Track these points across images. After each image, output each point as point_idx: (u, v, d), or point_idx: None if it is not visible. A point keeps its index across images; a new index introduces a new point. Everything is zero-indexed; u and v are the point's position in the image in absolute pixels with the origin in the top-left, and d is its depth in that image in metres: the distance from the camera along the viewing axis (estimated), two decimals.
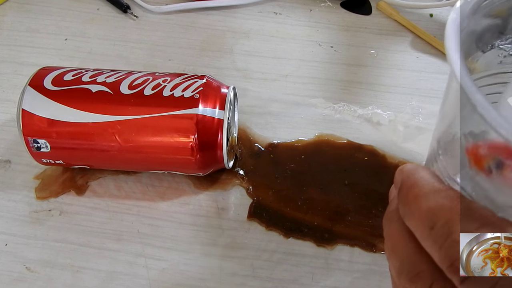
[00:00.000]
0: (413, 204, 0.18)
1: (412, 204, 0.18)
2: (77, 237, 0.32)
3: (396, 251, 0.19)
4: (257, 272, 0.31)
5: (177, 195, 0.34)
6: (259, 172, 0.35)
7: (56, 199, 0.34)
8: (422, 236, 0.17)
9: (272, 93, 0.41)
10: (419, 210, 0.17)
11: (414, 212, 0.17)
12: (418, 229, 0.17)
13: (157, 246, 0.32)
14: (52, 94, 0.30)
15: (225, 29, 0.46)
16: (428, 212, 0.17)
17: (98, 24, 0.47)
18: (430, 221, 0.16)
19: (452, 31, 0.20)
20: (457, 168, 0.22)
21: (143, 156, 0.31)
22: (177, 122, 0.30)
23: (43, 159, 0.32)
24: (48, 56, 0.44)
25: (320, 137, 0.37)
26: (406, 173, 0.19)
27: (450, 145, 0.22)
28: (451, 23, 0.21)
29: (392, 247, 0.19)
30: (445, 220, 0.16)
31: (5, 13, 0.47)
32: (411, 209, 0.18)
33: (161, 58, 0.43)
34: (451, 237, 0.16)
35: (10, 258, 0.31)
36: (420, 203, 0.17)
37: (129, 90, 0.31)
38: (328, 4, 0.48)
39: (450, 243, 0.16)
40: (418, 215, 0.17)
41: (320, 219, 0.33)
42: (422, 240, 0.17)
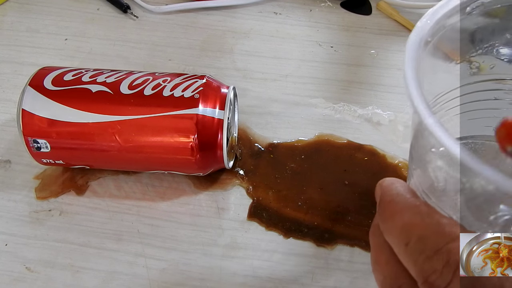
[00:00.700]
0: (390, 221, 0.18)
1: (389, 220, 0.18)
2: (77, 237, 0.32)
3: (379, 265, 0.19)
4: (257, 272, 0.31)
5: (177, 195, 0.34)
6: (259, 172, 0.35)
7: (56, 199, 0.34)
8: (399, 252, 0.18)
9: (272, 93, 0.41)
10: (395, 226, 0.18)
11: (391, 229, 0.18)
12: (395, 245, 0.18)
13: (157, 246, 0.32)
14: (52, 94, 0.30)
15: (225, 29, 0.46)
16: (403, 228, 0.17)
17: (98, 24, 0.47)
18: (405, 238, 0.17)
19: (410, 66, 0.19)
20: (427, 182, 0.22)
21: (143, 156, 0.31)
22: (177, 122, 0.30)
23: (43, 159, 0.32)
24: (48, 56, 0.44)
25: (320, 137, 0.37)
26: (383, 189, 0.20)
27: (421, 159, 0.23)
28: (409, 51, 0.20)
29: (376, 260, 0.20)
30: (418, 237, 0.17)
31: (5, 13, 0.47)
32: (388, 225, 0.18)
33: (161, 58, 0.43)
34: (424, 253, 0.16)
35: (10, 258, 0.31)
36: (395, 220, 0.18)
37: (129, 90, 0.31)
38: (328, 4, 0.48)
39: (423, 259, 0.16)
40: (394, 231, 0.18)
41: (320, 219, 0.33)
42: (400, 255, 0.18)
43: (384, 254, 0.19)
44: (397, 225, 0.18)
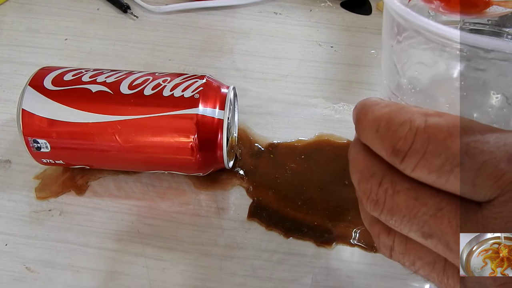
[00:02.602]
0: (364, 120, 0.20)
1: (363, 120, 0.20)
2: (77, 237, 0.32)
3: (356, 166, 0.21)
4: (257, 272, 0.31)
5: (177, 195, 0.34)
6: (259, 172, 0.35)
7: (56, 199, 0.34)
8: (372, 142, 0.20)
9: (272, 93, 0.41)
10: (368, 122, 0.20)
11: (365, 126, 0.20)
12: (368, 138, 0.20)
13: (157, 246, 0.32)
14: (52, 94, 0.30)
15: (225, 29, 0.46)
16: (374, 120, 0.19)
17: (98, 24, 0.47)
18: (375, 126, 0.19)
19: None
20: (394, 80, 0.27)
21: (143, 156, 0.31)
22: (177, 122, 0.30)
23: (43, 159, 0.32)
24: (48, 56, 0.44)
25: (320, 137, 0.37)
26: (358, 105, 0.21)
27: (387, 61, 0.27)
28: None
29: (353, 165, 0.21)
30: (386, 120, 0.19)
31: (5, 13, 0.47)
32: (363, 124, 0.20)
33: (161, 58, 0.43)
34: (391, 129, 0.18)
35: (10, 258, 0.31)
36: (368, 117, 0.20)
37: (129, 90, 0.31)
38: (328, 4, 0.48)
39: (392, 133, 0.18)
40: (367, 126, 0.20)
41: (320, 219, 0.33)
42: (373, 145, 0.20)
43: (360, 156, 0.21)
44: (369, 120, 0.20)
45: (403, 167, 0.18)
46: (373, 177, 0.19)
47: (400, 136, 0.18)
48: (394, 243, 0.20)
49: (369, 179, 0.20)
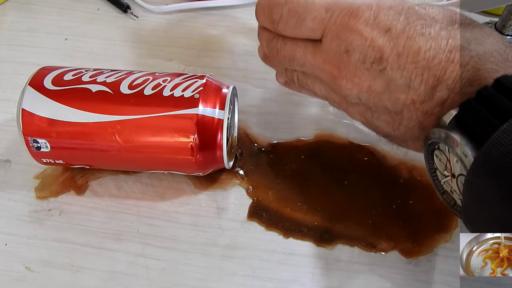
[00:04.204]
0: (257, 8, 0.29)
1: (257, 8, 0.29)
2: (77, 237, 0.32)
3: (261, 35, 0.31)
4: (257, 272, 0.31)
5: (177, 195, 0.34)
6: (259, 172, 0.35)
7: (56, 198, 0.34)
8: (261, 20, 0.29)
9: (272, 93, 0.41)
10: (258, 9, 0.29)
11: (258, 12, 0.29)
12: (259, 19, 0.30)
13: (157, 246, 0.32)
14: (52, 94, 0.30)
15: (225, 29, 0.46)
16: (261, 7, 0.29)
17: (98, 24, 0.47)
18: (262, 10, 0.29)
19: None
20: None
21: (143, 156, 0.31)
22: (177, 122, 0.30)
23: (43, 159, 0.32)
24: (48, 55, 0.44)
25: (320, 137, 0.37)
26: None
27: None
28: None
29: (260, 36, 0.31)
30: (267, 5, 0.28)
31: (5, 12, 0.47)
32: (257, 11, 0.29)
33: (161, 58, 0.43)
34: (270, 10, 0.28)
35: (10, 257, 0.31)
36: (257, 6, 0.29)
37: (129, 90, 0.31)
38: None
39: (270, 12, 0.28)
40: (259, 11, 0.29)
41: (320, 219, 0.33)
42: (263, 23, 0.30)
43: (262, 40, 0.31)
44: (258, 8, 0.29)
45: (279, 30, 0.28)
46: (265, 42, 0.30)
47: (273, 12, 0.27)
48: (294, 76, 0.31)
49: (270, 41, 0.29)
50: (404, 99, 0.25)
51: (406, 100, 0.25)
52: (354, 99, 0.27)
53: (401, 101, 0.25)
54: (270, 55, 0.30)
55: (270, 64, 0.33)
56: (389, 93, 0.25)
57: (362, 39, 0.25)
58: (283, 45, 0.29)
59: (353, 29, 0.25)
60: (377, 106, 0.26)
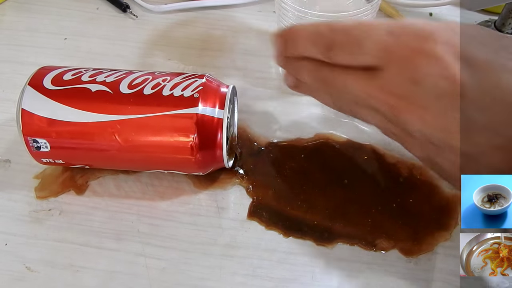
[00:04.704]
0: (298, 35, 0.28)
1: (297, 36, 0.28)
2: (77, 237, 0.32)
3: (290, 76, 0.31)
4: (257, 271, 0.31)
5: (177, 195, 0.34)
6: (258, 171, 0.35)
7: (56, 198, 0.34)
8: (306, 49, 0.27)
9: (272, 93, 0.41)
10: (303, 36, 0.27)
11: (301, 42, 0.27)
12: (301, 48, 0.27)
13: (157, 245, 0.32)
14: (51, 94, 0.30)
15: (225, 29, 0.46)
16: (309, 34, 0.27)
17: (98, 23, 0.47)
18: (311, 37, 0.26)
19: None
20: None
21: (142, 156, 0.31)
22: (177, 122, 0.30)
23: (43, 159, 0.32)
24: (47, 55, 0.44)
25: (320, 136, 0.37)
26: (284, 31, 0.29)
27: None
28: None
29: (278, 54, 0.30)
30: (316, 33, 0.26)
31: (5, 12, 0.47)
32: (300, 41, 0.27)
33: (160, 58, 0.43)
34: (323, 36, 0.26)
35: (10, 257, 0.31)
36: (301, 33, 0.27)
37: (128, 89, 0.30)
38: None
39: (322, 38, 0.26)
40: (300, 39, 0.27)
41: (320, 218, 0.33)
42: (307, 52, 0.27)
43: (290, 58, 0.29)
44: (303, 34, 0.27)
45: (332, 57, 0.25)
46: (318, 69, 0.27)
47: (325, 38, 0.25)
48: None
49: (316, 71, 0.27)
50: (485, 143, 0.21)
51: (487, 144, 0.21)
52: (417, 133, 0.23)
53: (481, 146, 0.21)
54: (315, 86, 0.27)
55: (307, 94, 0.30)
56: (466, 134, 0.21)
57: (437, 67, 0.21)
58: (331, 74, 0.25)
59: (426, 55, 0.21)
60: (446, 143, 0.22)
